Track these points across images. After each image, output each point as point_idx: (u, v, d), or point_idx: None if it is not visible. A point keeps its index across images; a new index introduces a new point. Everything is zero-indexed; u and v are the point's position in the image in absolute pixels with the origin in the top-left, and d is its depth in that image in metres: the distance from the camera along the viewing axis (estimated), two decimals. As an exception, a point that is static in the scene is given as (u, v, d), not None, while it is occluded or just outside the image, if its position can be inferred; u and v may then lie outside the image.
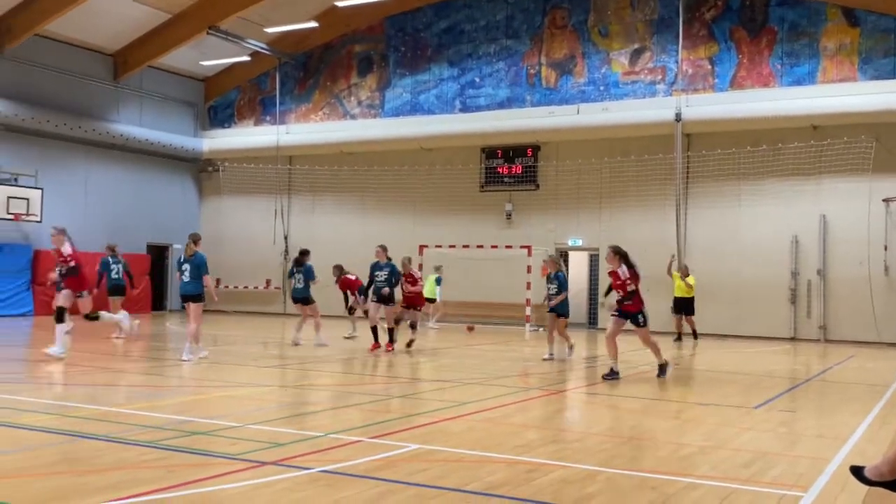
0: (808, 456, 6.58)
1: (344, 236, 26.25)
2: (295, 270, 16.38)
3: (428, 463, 5.94)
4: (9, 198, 22.79)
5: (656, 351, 11.70)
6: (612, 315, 11.74)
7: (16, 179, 23.32)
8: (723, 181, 21.95)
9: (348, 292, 17.62)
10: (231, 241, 28.14)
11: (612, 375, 11.33)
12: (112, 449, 6.25)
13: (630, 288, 11.54)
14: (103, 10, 23.61)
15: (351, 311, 17.87)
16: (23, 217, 23.09)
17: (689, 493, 5.28)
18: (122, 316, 15.31)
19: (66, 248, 12.75)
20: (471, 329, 21.31)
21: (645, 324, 11.61)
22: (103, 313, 14.61)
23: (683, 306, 19.32)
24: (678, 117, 21.62)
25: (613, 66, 23.57)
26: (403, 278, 15.23)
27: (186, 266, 12.53)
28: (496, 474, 5.61)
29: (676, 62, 22.45)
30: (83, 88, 25.46)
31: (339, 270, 17.48)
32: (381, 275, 14.69)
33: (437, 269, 22.69)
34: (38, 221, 23.44)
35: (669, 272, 19.53)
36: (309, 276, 16.23)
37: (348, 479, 5.44)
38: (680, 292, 19.17)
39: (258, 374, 11.70)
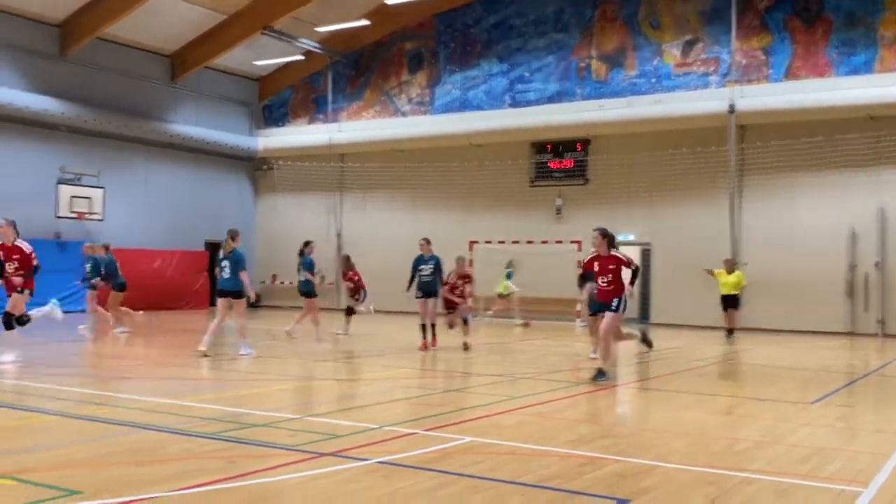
0: (867, 451, 6.51)
1: (395, 232, 26.46)
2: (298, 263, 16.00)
3: (481, 455, 6.03)
4: (72, 197, 23.54)
5: (607, 349, 10.55)
6: (590, 314, 11.02)
7: (79, 179, 24.04)
8: (777, 173, 21.59)
9: (352, 287, 16.99)
10: (285, 238, 28.52)
11: (601, 376, 10.32)
12: (175, 440, 6.46)
13: (633, 267, 10.74)
14: (161, 13, 24.15)
15: (350, 311, 17.13)
16: (85, 216, 23.84)
17: (745, 487, 5.28)
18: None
19: (25, 245, 11.60)
20: (527, 325, 21.14)
21: (617, 308, 10.47)
22: (33, 312, 13.23)
23: (731, 303, 18.36)
24: (731, 109, 21.33)
25: (665, 58, 23.34)
26: (461, 279, 14.78)
27: (225, 263, 12.56)
28: (550, 467, 5.67)
29: (729, 53, 22.15)
30: (142, 89, 26.09)
31: (346, 262, 17.01)
32: (427, 269, 14.34)
33: (510, 264, 22.57)
34: (100, 220, 24.20)
35: (712, 272, 18.78)
36: (307, 268, 15.82)
37: (404, 470, 5.56)
38: (726, 289, 18.25)
39: (313, 368, 11.93)
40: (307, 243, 16.32)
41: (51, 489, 4.85)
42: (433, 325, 14.40)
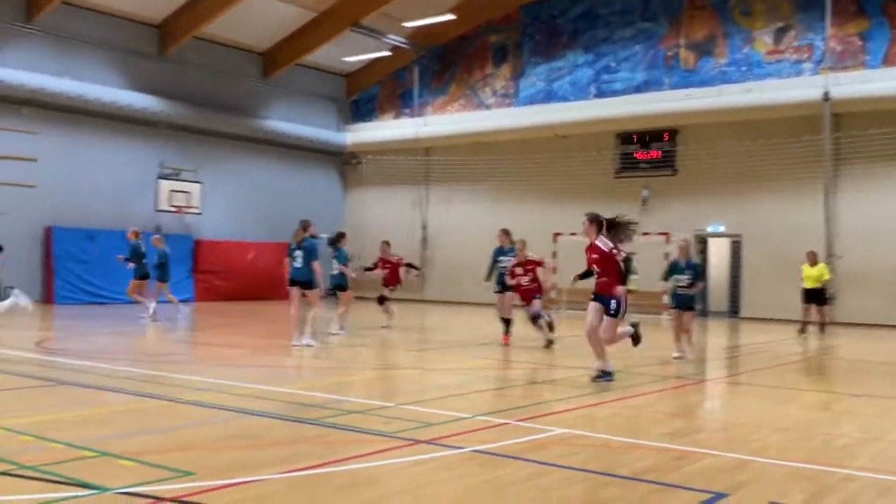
0: (973, 451, 6.33)
1: (479, 225, 26.59)
2: (332, 254, 15.48)
3: (575, 447, 6.11)
4: (171, 191, 24.55)
5: (602, 352, 9.41)
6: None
7: (178, 174, 25.02)
8: (875, 163, 20.84)
9: (388, 276, 16.36)
10: (373, 232, 29.01)
11: (605, 376, 9.33)
12: (277, 425, 6.74)
13: (619, 258, 9.33)
14: (255, 11, 24.86)
15: (382, 300, 16.53)
16: (184, 210, 24.82)
17: (845, 485, 5.22)
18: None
19: None
20: None
21: (616, 314, 9.24)
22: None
23: (814, 297, 17.49)
24: (826, 97, 20.68)
25: (756, 46, 22.78)
26: (519, 266, 13.34)
27: (298, 252, 12.53)
28: (644, 460, 5.71)
29: (823, 39, 21.46)
30: (236, 86, 26.91)
31: (384, 249, 16.49)
32: (506, 260, 13.67)
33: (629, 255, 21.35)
34: (198, 213, 25.20)
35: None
36: (342, 260, 15.35)
37: (500, 459, 5.69)
38: (809, 282, 17.40)
39: (403, 358, 12.18)
40: (341, 235, 15.79)
41: (166, 470, 5.12)
42: (508, 321, 13.73)
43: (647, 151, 24.51)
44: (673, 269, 12.21)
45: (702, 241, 23.48)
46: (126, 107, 23.58)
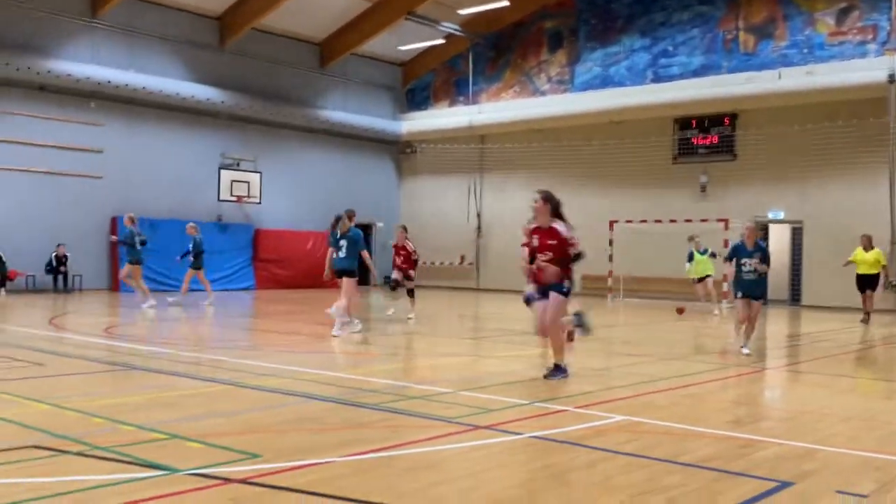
0: None
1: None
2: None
3: (635, 434, 6.09)
4: (232, 181, 25.00)
5: (561, 347, 8.72)
6: (535, 297, 8.67)
7: (238, 164, 25.47)
8: (946, 146, 20.20)
9: (402, 261, 15.81)
10: (428, 219, 29.18)
11: (560, 373, 8.60)
12: (340, 410, 6.86)
13: (574, 251, 8.49)
14: (311, 2, 25.14)
15: (395, 285, 15.82)
16: (244, 199, 25.26)
17: (916, 474, 5.11)
18: None
19: None
20: (681, 311, 18.38)
21: (568, 293, 8.60)
22: None
23: (870, 283, 16.86)
24: (892, 78, 20.09)
25: (818, 28, 22.21)
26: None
27: (343, 242, 12.50)
28: (707, 448, 5.67)
29: (889, 20, 20.81)
30: (294, 77, 27.24)
31: (401, 233, 16.03)
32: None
33: (694, 239, 19.06)
34: (257, 203, 25.65)
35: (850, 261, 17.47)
36: (358, 246, 13.21)
37: (559, 445, 5.71)
38: (864, 268, 16.75)
39: (459, 346, 12.25)
40: (351, 214, 15.00)
41: (233, 452, 5.26)
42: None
43: (706, 136, 24.12)
44: (739, 252, 11.07)
45: (762, 228, 23.05)
46: (189, 98, 24.06)
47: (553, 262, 8.44)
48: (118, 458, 5.07)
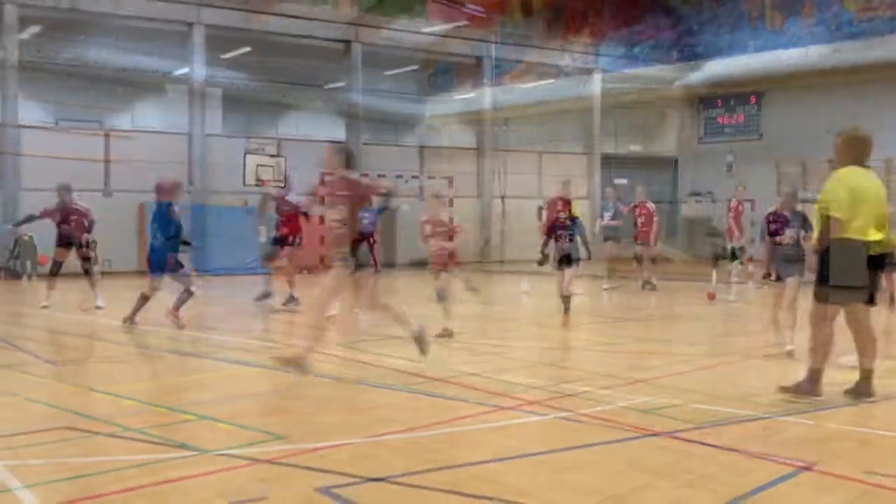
0: None
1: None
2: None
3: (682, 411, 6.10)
4: (258, 166, 25.05)
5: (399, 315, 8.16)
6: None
7: (263, 149, 25.55)
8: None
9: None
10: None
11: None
12: (367, 391, 6.96)
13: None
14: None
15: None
16: (270, 183, 25.30)
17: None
18: None
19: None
20: (712, 297, 16.76)
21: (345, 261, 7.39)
22: None
23: (879, 264, 15.58)
24: (924, 55, 19.80)
25: (846, 5, 21.90)
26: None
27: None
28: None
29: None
30: (319, 59, 27.14)
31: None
32: (564, 233, 11.88)
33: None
34: (282, 188, 25.59)
35: None
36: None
37: (582, 425, 5.74)
38: (878, 248, 15.47)
39: (479, 328, 12.31)
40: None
41: (260, 433, 5.37)
42: (567, 297, 11.96)
43: (732, 116, 23.92)
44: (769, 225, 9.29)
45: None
46: (211, 80, 24.14)
47: (346, 223, 7.27)
48: (149, 440, 5.20)
